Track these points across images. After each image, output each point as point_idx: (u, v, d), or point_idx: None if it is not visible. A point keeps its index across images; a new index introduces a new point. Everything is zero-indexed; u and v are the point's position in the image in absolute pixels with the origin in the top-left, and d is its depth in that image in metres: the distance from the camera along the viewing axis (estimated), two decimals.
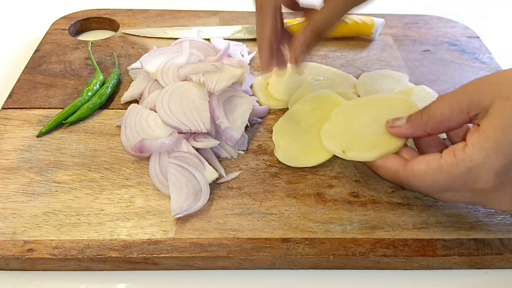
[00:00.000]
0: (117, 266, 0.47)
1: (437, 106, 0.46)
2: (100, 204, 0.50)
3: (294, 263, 0.47)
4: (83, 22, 0.79)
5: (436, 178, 0.45)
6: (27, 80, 0.65)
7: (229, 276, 0.47)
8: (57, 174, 0.53)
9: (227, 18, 0.80)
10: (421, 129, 0.48)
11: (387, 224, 0.50)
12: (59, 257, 0.45)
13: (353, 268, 0.48)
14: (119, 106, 0.62)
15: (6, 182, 0.52)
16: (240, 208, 0.50)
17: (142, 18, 0.79)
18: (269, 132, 0.59)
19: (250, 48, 0.73)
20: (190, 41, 0.67)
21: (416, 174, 0.46)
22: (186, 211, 0.49)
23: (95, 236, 0.47)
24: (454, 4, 0.93)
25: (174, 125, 0.55)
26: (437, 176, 0.45)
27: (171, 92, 0.57)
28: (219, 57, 0.64)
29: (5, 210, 0.49)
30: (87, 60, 0.70)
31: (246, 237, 0.48)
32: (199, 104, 0.56)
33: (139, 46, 0.73)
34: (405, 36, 0.76)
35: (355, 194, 0.53)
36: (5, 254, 0.45)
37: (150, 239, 0.47)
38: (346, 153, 0.51)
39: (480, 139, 0.43)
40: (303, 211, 0.50)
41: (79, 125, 0.59)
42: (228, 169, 0.55)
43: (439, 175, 0.45)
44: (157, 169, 0.52)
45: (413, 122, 0.49)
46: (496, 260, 0.48)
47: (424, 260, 0.48)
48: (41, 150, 0.56)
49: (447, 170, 0.44)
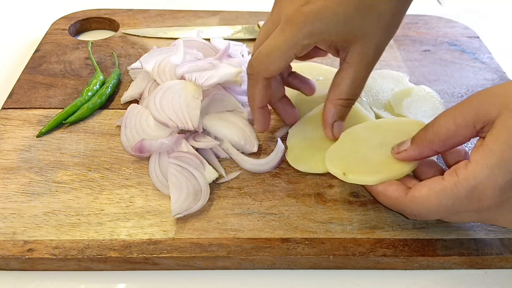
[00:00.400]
0: (117, 266, 0.47)
1: (442, 123, 0.44)
2: (100, 204, 0.50)
3: (294, 263, 0.47)
4: (83, 22, 0.79)
5: (440, 201, 0.43)
6: (27, 80, 0.65)
7: (229, 276, 0.47)
8: (57, 174, 0.53)
9: (227, 18, 0.80)
10: (428, 148, 0.45)
11: (387, 224, 0.50)
12: (59, 257, 0.45)
13: (353, 268, 0.48)
14: (119, 106, 0.62)
15: (6, 182, 0.52)
16: (240, 208, 0.50)
17: (142, 18, 0.79)
18: (269, 132, 0.59)
19: (251, 48, 0.73)
20: (187, 40, 0.67)
21: (419, 201, 0.44)
22: (186, 211, 0.49)
23: (95, 236, 0.47)
24: (454, 4, 0.93)
25: (162, 120, 0.55)
26: (441, 199, 0.43)
27: (165, 90, 0.57)
28: (219, 57, 0.64)
29: (5, 210, 0.49)
30: (87, 60, 0.70)
31: (246, 237, 0.48)
32: (190, 102, 0.56)
33: (139, 46, 0.73)
34: (405, 36, 0.76)
35: (355, 194, 0.53)
36: (5, 254, 0.45)
37: (150, 239, 0.47)
38: (347, 175, 0.48)
39: (484, 154, 0.40)
40: (303, 211, 0.50)
41: (79, 125, 0.59)
42: (228, 169, 0.55)
43: (443, 198, 0.43)
44: (157, 169, 0.53)
45: (418, 142, 0.46)
46: (496, 260, 0.48)
47: (424, 260, 0.48)
48: (41, 150, 0.56)
49: (451, 191, 0.42)
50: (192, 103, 0.56)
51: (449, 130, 0.43)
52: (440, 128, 0.44)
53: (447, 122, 0.44)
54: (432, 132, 0.45)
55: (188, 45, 0.66)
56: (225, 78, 0.59)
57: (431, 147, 0.45)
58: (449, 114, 0.44)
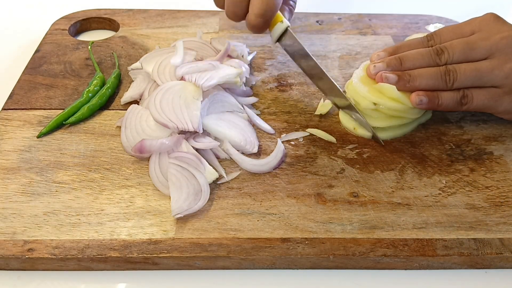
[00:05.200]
0: (117, 266, 0.47)
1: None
2: (100, 204, 0.50)
3: (294, 263, 0.47)
4: (83, 22, 0.79)
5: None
6: (28, 80, 0.66)
7: (229, 276, 0.48)
8: (58, 175, 0.53)
9: (227, 18, 0.80)
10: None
11: (387, 224, 0.50)
12: (59, 257, 0.46)
13: (353, 268, 0.48)
14: (119, 107, 0.62)
15: (6, 182, 0.52)
16: (240, 208, 0.50)
17: (142, 18, 0.79)
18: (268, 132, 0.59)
19: (251, 48, 0.73)
20: (187, 41, 0.67)
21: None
22: (186, 211, 0.49)
23: (95, 236, 0.47)
24: (454, 4, 0.93)
25: (162, 121, 0.55)
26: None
27: (165, 91, 0.57)
28: (219, 57, 0.64)
29: (5, 210, 0.49)
30: (87, 60, 0.70)
31: (246, 237, 0.48)
32: (190, 103, 0.56)
33: (139, 46, 0.73)
34: (405, 36, 0.76)
35: (355, 194, 0.53)
36: (5, 254, 0.45)
37: (150, 239, 0.47)
38: (356, 129, 0.59)
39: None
40: (303, 211, 0.51)
41: (79, 125, 0.59)
42: (228, 169, 0.55)
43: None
44: (157, 169, 0.53)
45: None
46: (496, 260, 0.48)
47: (424, 260, 0.48)
48: (41, 150, 0.56)
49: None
50: (192, 104, 0.56)
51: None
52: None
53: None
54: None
55: (183, 45, 0.65)
56: (225, 79, 0.59)
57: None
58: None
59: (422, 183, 0.54)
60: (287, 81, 0.68)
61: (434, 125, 0.62)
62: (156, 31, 0.76)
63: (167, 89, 0.58)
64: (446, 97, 0.56)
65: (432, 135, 0.60)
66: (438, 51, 0.57)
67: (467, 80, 0.56)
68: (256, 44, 0.75)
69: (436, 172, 0.55)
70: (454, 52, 0.57)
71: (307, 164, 0.56)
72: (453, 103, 0.57)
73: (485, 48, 0.56)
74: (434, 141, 0.59)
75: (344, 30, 0.79)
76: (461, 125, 0.62)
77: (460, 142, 0.59)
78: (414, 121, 0.60)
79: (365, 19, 0.82)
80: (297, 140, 0.59)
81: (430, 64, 0.57)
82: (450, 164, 0.57)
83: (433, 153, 0.58)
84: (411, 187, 0.54)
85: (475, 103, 0.57)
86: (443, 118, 0.63)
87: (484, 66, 0.56)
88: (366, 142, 0.59)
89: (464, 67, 0.56)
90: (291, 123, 0.61)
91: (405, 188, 0.53)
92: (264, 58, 0.72)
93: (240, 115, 0.60)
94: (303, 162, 0.56)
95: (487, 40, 0.56)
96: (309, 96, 0.65)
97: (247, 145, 0.56)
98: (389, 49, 0.61)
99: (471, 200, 0.52)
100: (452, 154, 0.58)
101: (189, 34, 0.75)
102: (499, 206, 0.52)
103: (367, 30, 0.79)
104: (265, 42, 0.75)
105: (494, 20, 0.58)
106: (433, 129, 0.61)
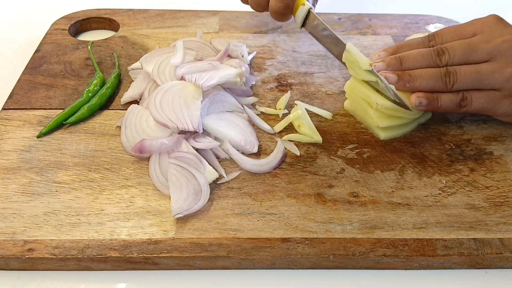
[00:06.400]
0: (117, 266, 0.47)
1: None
2: (100, 204, 0.50)
3: (294, 263, 0.47)
4: (83, 22, 0.79)
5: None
6: (28, 80, 0.66)
7: (229, 276, 0.48)
8: (57, 174, 0.53)
9: (227, 18, 0.81)
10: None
11: (387, 224, 0.50)
12: (59, 257, 0.46)
13: (353, 268, 0.48)
14: (119, 107, 0.62)
15: (6, 182, 0.52)
16: (240, 208, 0.50)
17: (142, 18, 0.79)
18: (268, 132, 0.59)
19: (251, 48, 0.73)
20: (187, 41, 0.67)
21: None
22: (186, 211, 0.49)
23: (95, 236, 0.47)
24: (454, 4, 0.93)
25: (162, 121, 0.55)
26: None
27: (165, 91, 0.57)
28: (219, 57, 0.64)
29: (5, 210, 0.49)
30: (87, 60, 0.70)
31: (246, 237, 0.48)
32: (190, 103, 0.56)
33: (139, 46, 0.73)
34: (405, 36, 0.76)
35: (355, 194, 0.53)
36: (5, 254, 0.45)
37: (150, 239, 0.47)
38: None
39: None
40: (303, 211, 0.51)
41: (79, 125, 0.59)
42: (228, 169, 0.55)
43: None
44: (157, 169, 0.53)
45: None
46: (496, 260, 0.48)
47: (424, 260, 0.48)
48: (41, 150, 0.56)
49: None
50: (192, 104, 0.56)
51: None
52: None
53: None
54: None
55: (188, 46, 0.66)
56: (225, 79, 0.59)
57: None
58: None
59: (422, 183, 0.54)
60: (287, 81, 0.68)
61: (434, 125, 0.62)
62: (156, 31, 0.76)
63: (167, 89, 0.58)
64: (445, 100, 0.56)
65: (432, 135, 0.60)
66: (439, 52, 0.57)
67: (467, 82, 0.56)
68: (256, 44, 0.75)
69: (436, 172, 0.55)
70: (455, 53, 0.56)
71: (307, 164, 0.56)
72: (452, 106, 0.56)
73: (486, 50, 0.56)
74: (434, 141, 0.59)
75: (344, 30, 0.79)
76: (461, 125, 0.62)
77: (460, 142, 0.59)
78: (414, 121, 0.60)
79: (365, 19, 0.82)
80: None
81: (430, 65, 0.57)
82: (450, 164, 0.57)
83: (433, 153, 0.58)
84: (411, 187, 0.54)
85: (474, 105, 0.57)
86: (443, 118, 0.63)
87: (485, 68, 0.55)
88: (366, 142, 0.59)
89: (464, 69, 0.56)
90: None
91: (405, 188, 0.53)
92: (264, 58, 0.72)
93: (240, 115, 0.60)
94: (303, 162, 0.56)
95: (488, 42, 0.56)
96: (309, 96, 0.65)
97: (247, 145, 0.56)
98: (389, 49, 0.60)
99: (471, 200, 0.52)
100: (452, 154, 0.58)
101: (189, 34, 0.75)
102: (499, 206, 0.52)
103: (367, 30, 0.79)
104: (265, 42, 0.75)
105: (496, 22, 0.58)
106: (433, 129, 0.61)
